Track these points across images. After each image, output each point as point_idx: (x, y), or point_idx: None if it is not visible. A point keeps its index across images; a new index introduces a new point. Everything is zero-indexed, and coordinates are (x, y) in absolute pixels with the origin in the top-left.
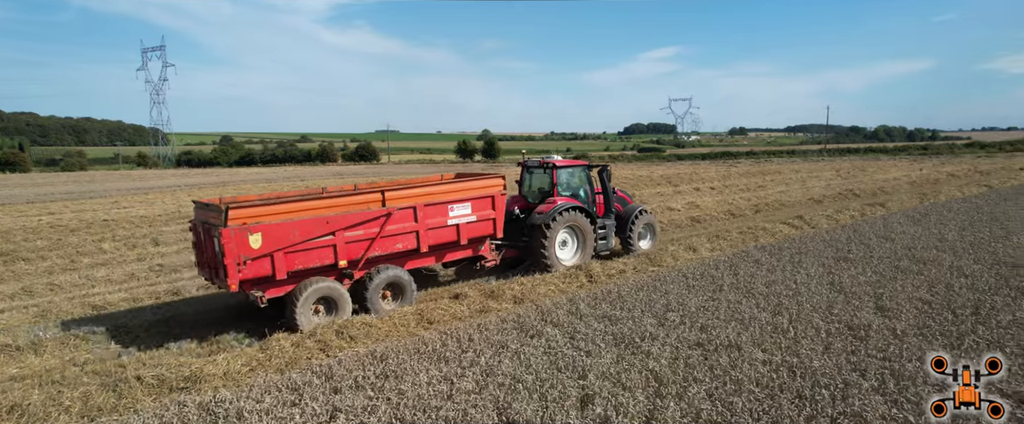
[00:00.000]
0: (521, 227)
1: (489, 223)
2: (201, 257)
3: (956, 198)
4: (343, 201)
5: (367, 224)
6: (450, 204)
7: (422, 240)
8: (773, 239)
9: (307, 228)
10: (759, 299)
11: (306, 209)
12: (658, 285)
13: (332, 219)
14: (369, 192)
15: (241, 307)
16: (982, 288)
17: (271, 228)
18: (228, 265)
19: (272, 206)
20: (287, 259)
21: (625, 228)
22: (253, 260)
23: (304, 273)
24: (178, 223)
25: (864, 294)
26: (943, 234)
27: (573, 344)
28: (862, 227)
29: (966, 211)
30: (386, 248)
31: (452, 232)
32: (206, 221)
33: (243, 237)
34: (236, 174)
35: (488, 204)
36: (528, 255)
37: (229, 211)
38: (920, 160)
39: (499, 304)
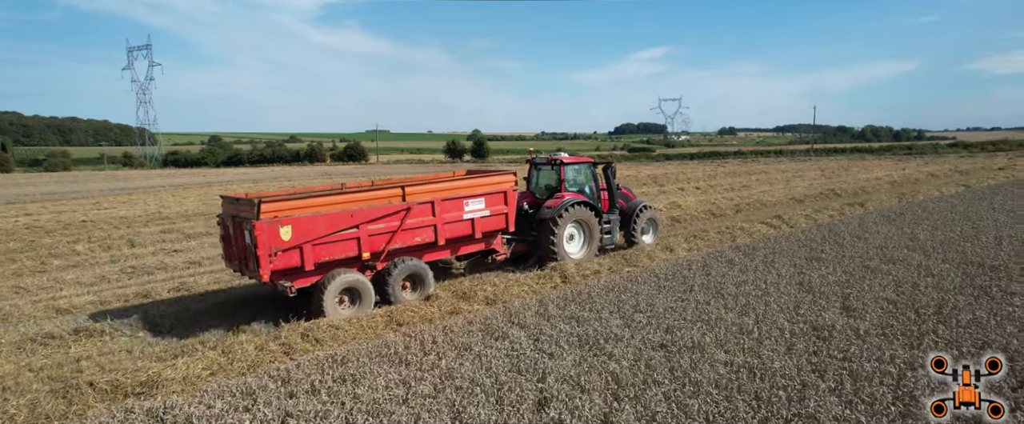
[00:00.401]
0: (530, 222)
1: (502, 217)
2: (229, 250)
3: (933, 197)
4: (366, 196)
5: (388, 218)
6: (465, 199)
7: (439, 233)
8: (750, 239)
9: (333, 221)
10: (728, 300)
11: (332, 203)
12: (629, 286)
13: (356, 213)
14: (390, 187)
15: (210, 309)
16: (947, 287)
17: (300, 221)
18: (261, 256)
19: (301, 200)
20: (314, 251)
21: (629, 223)
22: (284, 251)
23: (330, 264)
24: (157, 224)
25: (832, 294)
26: (915, 233)
27: (537, 346)
28: (838, 227)
29: (941, 210)
30: (406, 241)
31: (467, 226)
32: (236, 215)
33: (275, 229)
34: (223, 174)
35: (501, 199)
36: (537, 249)
37: (262, 204)
38: (904, 160)
39: (470, 305)
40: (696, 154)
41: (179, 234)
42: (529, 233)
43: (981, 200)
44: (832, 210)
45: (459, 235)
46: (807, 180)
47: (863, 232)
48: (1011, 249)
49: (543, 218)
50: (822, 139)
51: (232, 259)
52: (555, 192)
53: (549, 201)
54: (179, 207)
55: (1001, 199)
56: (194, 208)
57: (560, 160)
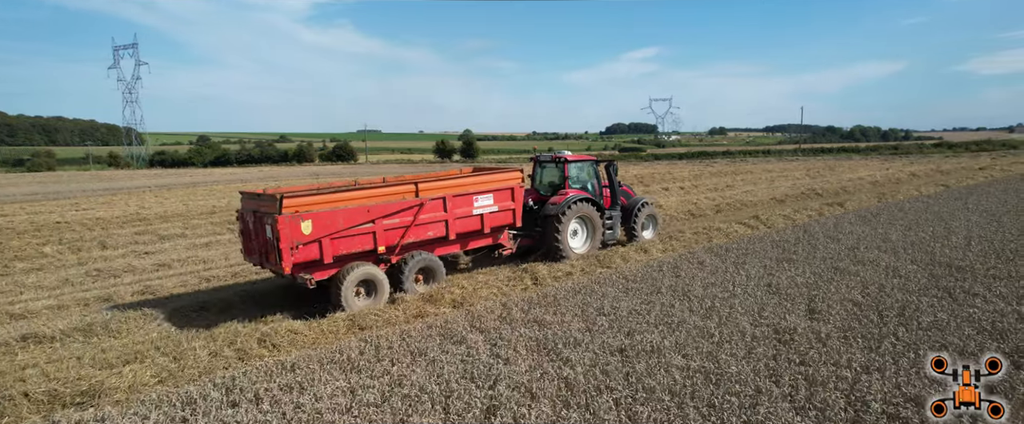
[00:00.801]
0: (534, 218)
1: (509, 213)
2: (249, 244)
3: (912, 197)
4: (382, 192)
5: (403, 213)
6: (475, 195)
7: (451, 228)
8: (726, 239)
9: (351, 216)
10: (693, 302)
11: (350, 199)
12: (597, 288)
13: (372, 208)
14: (403, 184)
15: (173, 313)
16: (912, 289)
17: (320, 216)
18: (283, 249)
19: (321, 196)
20: (333, 244)
21: (629, 219)
22: (304, 245)
23: (347, 258)
24: (133, 225)
25: (798, 296)
26: (888, 234)
27: (493, 351)
28: (814, 227)
29: (917, 210)
30: (419, 235)
31: (477, 221)
32: (257, 210)
33: (296, 224)
34: (210, 174)
35: (508, 195)
36: (542, 244)
37: (283, 200)
38: (890, 160)
39: (437, 308)
40: (684, 154)
41: (153, 236)
42: (534, 228)
43: (957, 200)
44: (811, 210)
45: (469, 230)
46: (791, 180)
47: (837, 233)
48: (979, 249)
49: (548, 214)
50: (812, 139)
51: (252, 253)
52: (559, 189)
53: (554, 198)
54: (160, 208)
55: (976, 199)
56: (174, 209)
57: (564, 158)
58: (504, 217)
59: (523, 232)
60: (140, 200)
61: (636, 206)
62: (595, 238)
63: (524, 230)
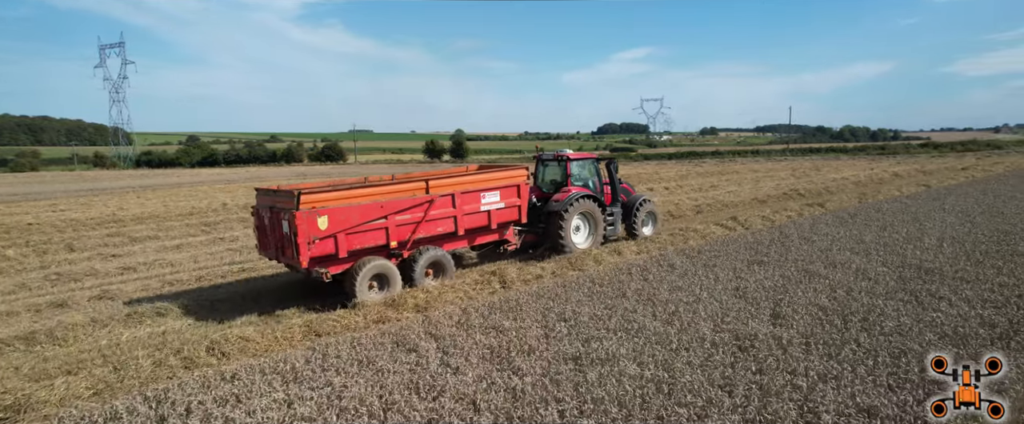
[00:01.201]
0: (537, 214)
1: (515, 209)
2: (264, 240)
3: (892, 198)
4: (394, 188)
5: (413, 209)
6: (482, 192)
7: (459, 224)
8: (701, 241)
9: (365, 212)
10: (657, 307)
11: (363, 195)
12: (563, 292)
13: (385, 204)
14: (414, 181)
15: (128, 318)
16: (880, 292)
17: (336, 211)
18: (300, 244)
19: (336, 192)
20: (348, 239)
21: (630, 216)
22: (321, 240)
23: (361, 252)
24: (107, 227)
25: (764, 301)
26: (862, 235)
27: (444, 360)
28: (790, 228)
29: (894, 211)
30: (429, 231)
31: (484, 217)
32: (274, 206)
33: (313, 219)
34: (197, 175)
35: (514, 192)
36: (545, 240)
37: (301, 196)
38: (877, 160)
39: (398, 313)
40: (674, 154)
41: (125, 238)
42: (537, 225)
43: (936, 200)
44: (790, 211)
45: (476, 226)
46: (776, 180)
47: (812, 234)
48: (950, 251)
49: (551, 211)
50: (802, 139)
51: (267, 248)
52: (561, 187)
53: (557, 195)
54: (138, 209)
55: (954, 199)
56: (152, 210)
57: (566, 156)
58: (510, 213)
59: (527, 228)
60: (120, 201)
61: (636, 203)
62: (597, 234)
63: (528, 226)
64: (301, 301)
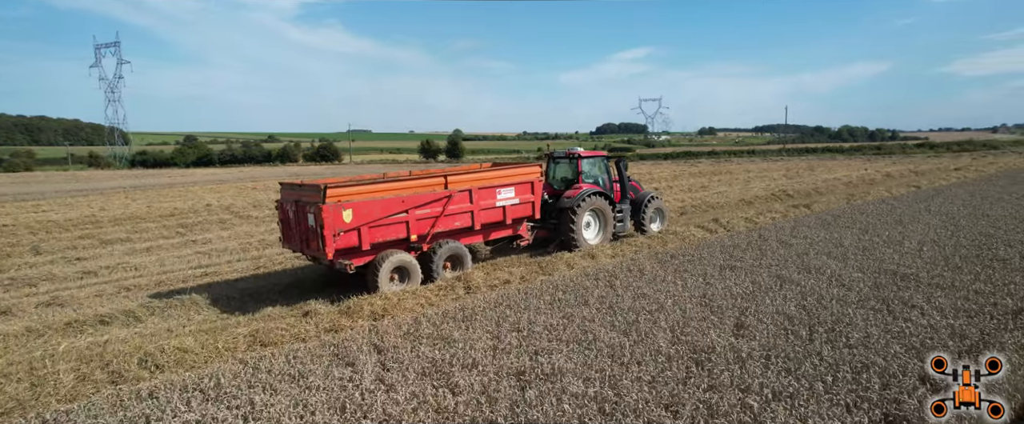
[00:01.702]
0: (548, 211)
1: (529, 205)
2: (288, 232)
3: (880, 199)
4: (414, 184)
5: (433, 204)
6: (498, 188)
7: (476, 219)
8: (680, 244)
9: (387, 206)
10: (617, 316)
11: (386, 190)
12: (523, 300)
13: (406, 198)
14: (433, 177)
15: (67, 327)
16: (851, 300)
17: (359, 205)
18: (326, 236)
19: (360, 187)
20: (371, 232)
21: (638, 212)
22: (345, 232)
23: (382, 245)
24: (83, 228)
25: (730, 309)
26: (842, 239)
27: (380, 375)
28: (770, 231)
29: (879, 213)
30: (447, 225)
31: (499, 213)
32: (299, 200)
33: (338, 212)
34: (191, 175)
35: (528, 189)
36: (556, 235)
37: (327, 190)
38: (873, 160)
39: (352, 321)
40: (670, 154)
41: (96, 240)
42: (549, 221)
43: (922, 202)
44: (775, 212)
45: (492, 221)
46: (767, 181)
47: (792, 237)
48: (929, 255)
49: (563, 207)
50: (800, 139)
51: (291, 240)
52: (572, 184)
53: (568, 191)
54: (121, 210)
55: (941, 201)
56: (134, 211)
57: (577, 154)
58: (524, 209)
59: (539, 224)
60: (105, 202)
61: (644, 200)
62: (607, 230)
63: (540, 222)
64: (259, 306)
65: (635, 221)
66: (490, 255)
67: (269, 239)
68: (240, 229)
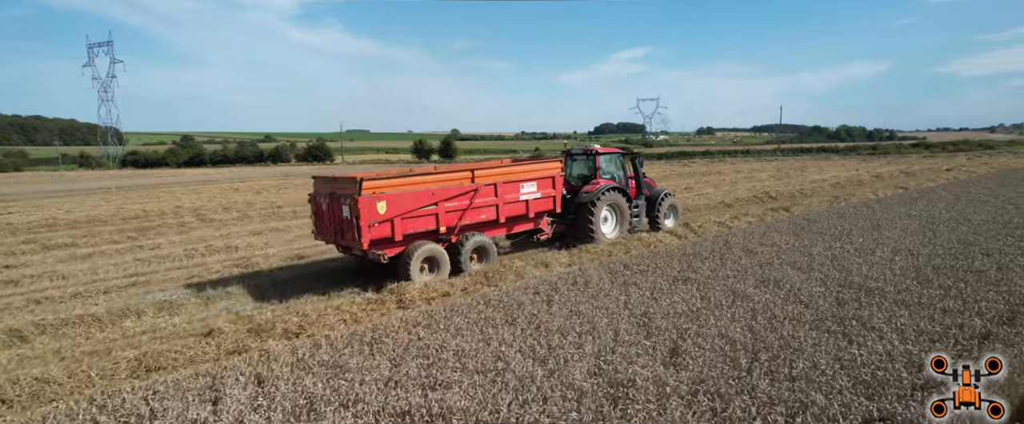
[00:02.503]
0: (566, 206)
1: (550, 200)
2: (321, 225)
3: (864, 201)
4: (442, 177)
5: (461, 197)
6: (521, 182)
7: (501, 212)
8: (643, 251)
9: (419, 198)
10: (541, 339)
11: (417, 183)
12: (446, 319)
13: (436, 191)
14: (461, 171)
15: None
16: (806, 319)
17: (393, 197)
18: (362, 227)
19: (393, 179)
20: (403, 224)
21: (653, 209)
22: (380, 223)
23: (413, 237)
24: (34, 232)
25: (669, 331)
26: (812, 246)
27: (242, 416)
28: (739, 237)
29: (859, 216)
30: (474, 218)
31: (523, 207)
32: (333, 192)
33: (373, 204)
34: (180, 175)
35: (550, 183)
36: (574, 230)
37: (363, 182)
38: (868, 160)
39: (261, 341)
40: (664, 154)
41: (38, 245)
42: (566, 216)
43: (905, 205)
44: (752, 216)
45: (516, 214)
46: (755, 182)
47: (760, 244)
48: (901, 266)
49: (581, 202)
50: (798, 139)
51: (324, 232)
52: (589, 180)
53: (586, 187)
54: (88, 212)
55: (924, 204)
56: (100, 214)
57: (595, 150)
58: (546, 204)
59: (557, 219)
60: (78, 203)
61: (659, 196)
62: (623, 225)
63: (559, 217)
64: (170, 321)
65: (650, 217)
66: (510, 249)
67: (219, 244)
68: (196, 234)
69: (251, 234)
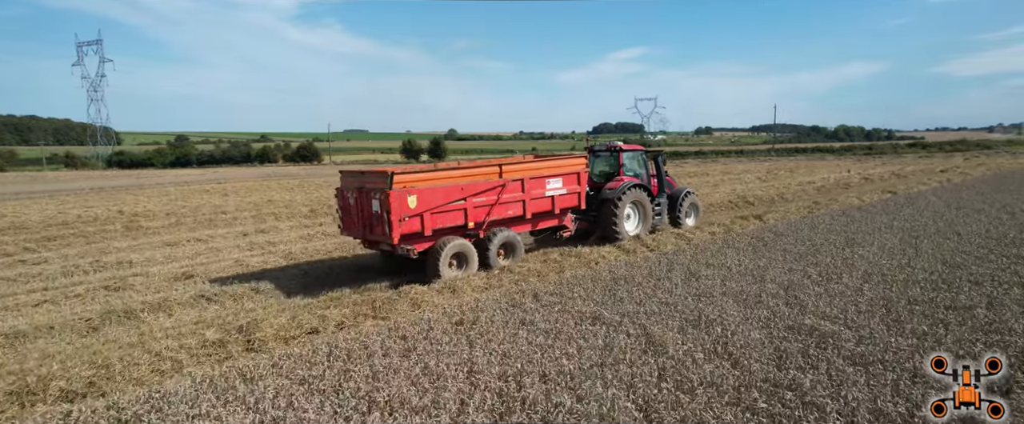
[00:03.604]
0: (589, 203)
1: (575, 196)
2: (349, 220)
3: (847, 207)
4: (471, 172)
5: (488, 192)
6: (547, 178)
7: (527, 208)
8: (582, 271)
9: (448, 193)
10: (355, 418)
11: (446, 178)
12: (252, 387)
13: (465, 186)
14: (489, 166)
15: None
16: (728, 386)
17: (424, 191)
18: (393, 221)
19: (423, 174)
20: (432, 219)
21: (674, 207)
22: (410, 218)
23: (442, 232)
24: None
25: (534, 405)
26: (769, 268)
27: None
28: (686, 255)
29: (835, 228)
30: (501, 213)
31: (548, 203)
32: (363, 187)
33: (404, 198)
34: (161, 176)
35: (575, 179)
36: (597, 227)
37: (394, 177)
38: (863, 160)
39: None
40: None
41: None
42: (589, 213)
43: (889, 214)
44: (718, 225)
45: (541, 210)
46: (740, 184)
47: (709, 264)
48: (869, 297)
49: (606, 198)
50: (796, 138)
51: (352, 227)
52: (612, 177)
53: (610, 184)
54: (18, 217)
55: (910, 212)
56: (30, 220)
57: (619, 147)
58: (570, 200)
59: (579, 215)
60: (40, 205)
61: (680, 195)
62: (646, 223)
63: (582, 214)
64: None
65: (671, 216)
66: (534, 245)
67: (111, 260)
68: (99, 247)
69: (164, 245)
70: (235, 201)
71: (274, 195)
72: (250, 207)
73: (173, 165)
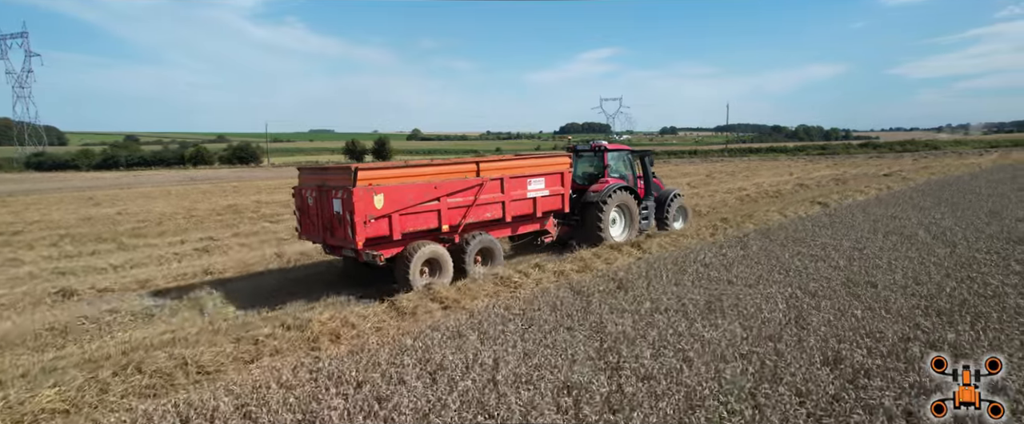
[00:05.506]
0: (572, 206)
1: (558, 198)
2: (307, 222)
3: (759, 227)
4: (445, 170)
5: (465, 192)
6: (529, 178)
7: (507, 210)
8: (462, 315)
9: (419, 191)
10: None
11: (418, 175)
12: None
13: (439, 185)
14: (465, 163)
15: None
16: None
17: (391, 190)
18: (356, 223)
19: (392, 170)
20: (402, 221)
21: (662, 210)
22: (376, 219)
23: (413, 235)
24: None
25: None
26: (576, 354)
27: None
28: (592, 287)
29: (705, 277)
30: (478, 216)
31: (529, 205)
32: (323, 184)
33: (369, 197)
34: (74, 179)
35: (558, 180)
36: (580, 231)
37: (358, 172)
38: (815, 161)
39: None
40: None
41: None
42: (572, 217)
43: (801, 242)
44: (605, 258)
45: (522, 213)
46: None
47: (615, 296)
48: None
49: (589, 201)
50: (759, 138)
51: (310, 231)
52: (596, 178)
53: (594, 186)
54: None
55: (825, 241)
56: None
57: (603, 147)
58: (553, 202)
59: (562, 219)
60: None
61: (668, 197)
62: (632, 227)
63: (564, 218)
64: None
65: (658, 219)
66: (513, 253)
67: None
68: None
69: None
70: (97, 211)
71: (157, 206)
72: (102, 219)
73: (99, 167)
